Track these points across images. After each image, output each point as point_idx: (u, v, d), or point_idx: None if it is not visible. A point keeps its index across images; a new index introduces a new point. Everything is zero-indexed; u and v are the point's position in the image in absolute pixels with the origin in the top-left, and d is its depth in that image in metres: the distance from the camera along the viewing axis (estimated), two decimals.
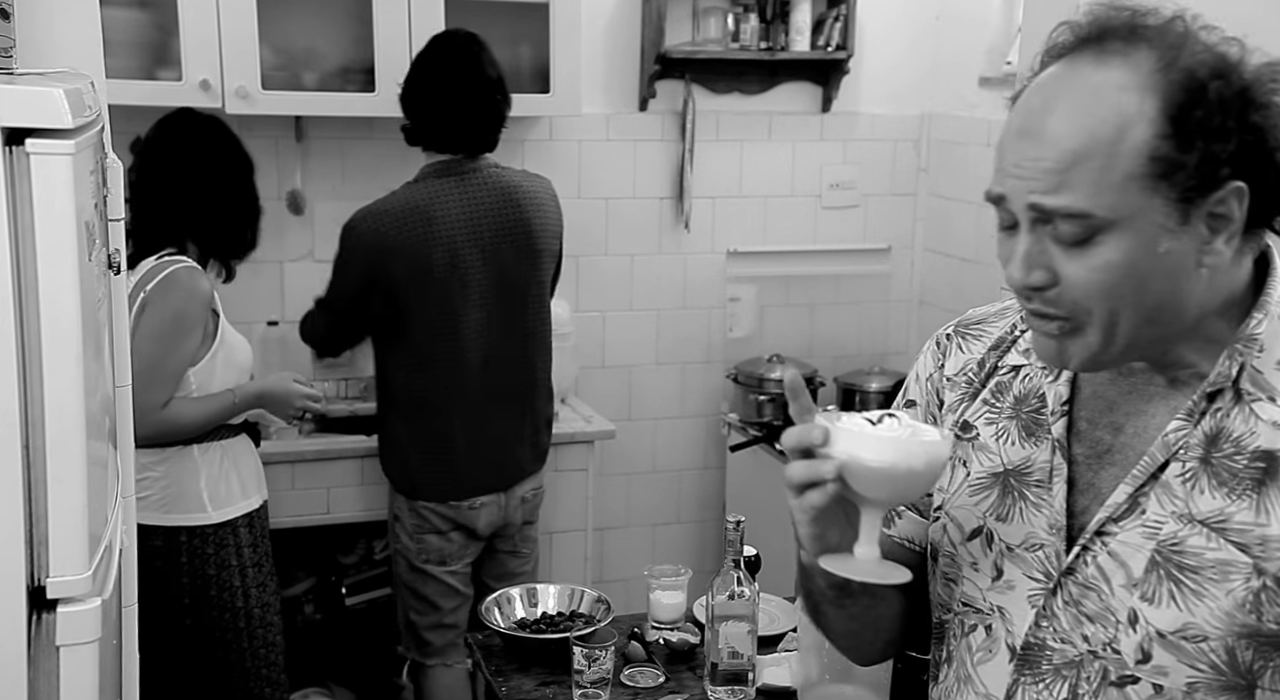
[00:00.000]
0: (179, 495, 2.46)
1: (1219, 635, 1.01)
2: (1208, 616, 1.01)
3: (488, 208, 2.81)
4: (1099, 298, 1.00)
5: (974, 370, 1.23)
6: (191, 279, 2.42)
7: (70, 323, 1.19)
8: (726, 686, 1.91)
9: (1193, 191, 0.97)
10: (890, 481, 1.02)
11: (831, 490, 1.03)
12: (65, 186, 1.17)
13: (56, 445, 1.20)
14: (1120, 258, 0.98)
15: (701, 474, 3.98)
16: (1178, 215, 0.98)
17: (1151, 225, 0.97)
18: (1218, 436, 1.03)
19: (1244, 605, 1.00)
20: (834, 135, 3.94)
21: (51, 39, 1.58)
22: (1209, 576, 1.01)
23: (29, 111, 1.14)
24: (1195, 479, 1.03)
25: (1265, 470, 1.01)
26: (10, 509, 1.18)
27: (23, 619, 1.20)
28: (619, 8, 3.66)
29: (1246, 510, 1.01)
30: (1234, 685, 1.02)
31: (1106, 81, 0.98)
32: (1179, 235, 0.98)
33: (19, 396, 1.16)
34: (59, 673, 1.23)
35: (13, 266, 1.15)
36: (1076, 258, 0.99)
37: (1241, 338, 1.04)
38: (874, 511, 1.05)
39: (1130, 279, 0.99)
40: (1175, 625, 1.02)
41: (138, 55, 3.04)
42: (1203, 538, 1.02)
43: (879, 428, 1.03)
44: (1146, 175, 0.96)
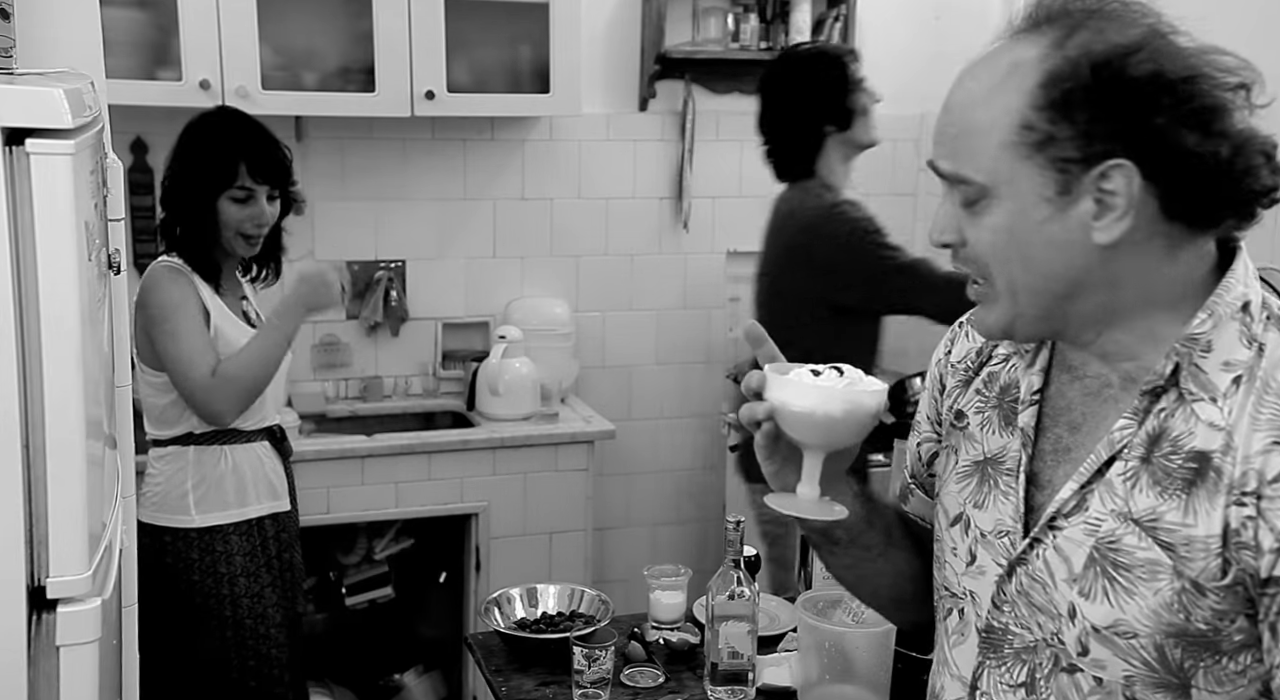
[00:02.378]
0: (166, 495, 2.42)
1: (1148, 633, 1.02)
2: (1137, 614, 1.03)
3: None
4: (992, 260, 1.06)
5: (972, 359, 1.26)
6: (165, 274, 2.38)
7: (70, 323, 1.19)
8: (726, 686, 1.91)
9: (1070, 164, 1.00)
10: (812, 426, 1.11)
11: (766, 429, 1.13)
12: (65, 186, 1.17)
13: (56, 445, 1.20)
14: (1002, 222, 1.04)
15: (701, 474, 3.98)
16: (1055, 186, 1.01)
17: (1029, 193, 1.02)
18: (1160, 436, 1.04)
19: (1171, 605, 1.01)
20: None
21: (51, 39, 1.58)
22: (1139, 575, 1.03)
23: (29, 111, 1.15)
24: (1136, 478, 1.04)
25: (1197, 471, 1.01)
26: (10, 509, 1.18)
27: (23, 619, 1.20)
28: (619, 8, 3.66)
29: (1176, 510, 1.01)
30: (1167, 683, 1.04)
31: (1008, 57, 1.03)
32: (1060, 207, 1.02)
33: (19, 396, 1.16)
34: (59, 673, 1.23)
35: (13, 266, 1.15)
36: (972, 220, 1.06)
37: (1182, 337, 1.04)
38: (812, 454, 1.14)
39: (1014, 244, 1.04)
40: (1108, 621, 1.04)
41: (138, 55, 3.04)
42: (1135, 537, 1.03)
43: (816, 379, 1.12)
44: (1019, 144, 1.01)
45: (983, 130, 1.03)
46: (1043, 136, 1.00)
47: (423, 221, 3.64)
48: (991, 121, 1.02)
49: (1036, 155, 1.01)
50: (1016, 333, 1.11)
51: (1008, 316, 1.08)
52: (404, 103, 3.21)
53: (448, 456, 3.28)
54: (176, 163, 2.43)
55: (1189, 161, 0.98)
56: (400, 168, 3.58)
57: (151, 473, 2.44)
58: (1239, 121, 1.00)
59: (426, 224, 3.63)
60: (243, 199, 2.40)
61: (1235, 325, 1.04)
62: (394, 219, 3.58)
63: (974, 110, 1.04)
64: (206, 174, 2.39)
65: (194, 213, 2.40)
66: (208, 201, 2.39)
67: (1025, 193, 1.02)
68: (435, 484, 3.27)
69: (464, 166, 3.63)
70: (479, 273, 3.71)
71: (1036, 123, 1.00)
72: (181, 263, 2.40)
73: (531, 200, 3.69)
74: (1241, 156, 1.00)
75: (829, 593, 1.86)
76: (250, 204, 2.41)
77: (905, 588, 1.32)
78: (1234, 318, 1.04)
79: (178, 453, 2.42)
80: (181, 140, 2.45)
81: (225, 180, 2.39)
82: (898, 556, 1.30)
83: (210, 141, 2.42)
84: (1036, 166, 1.01)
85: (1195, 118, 0.98)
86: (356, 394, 3.57)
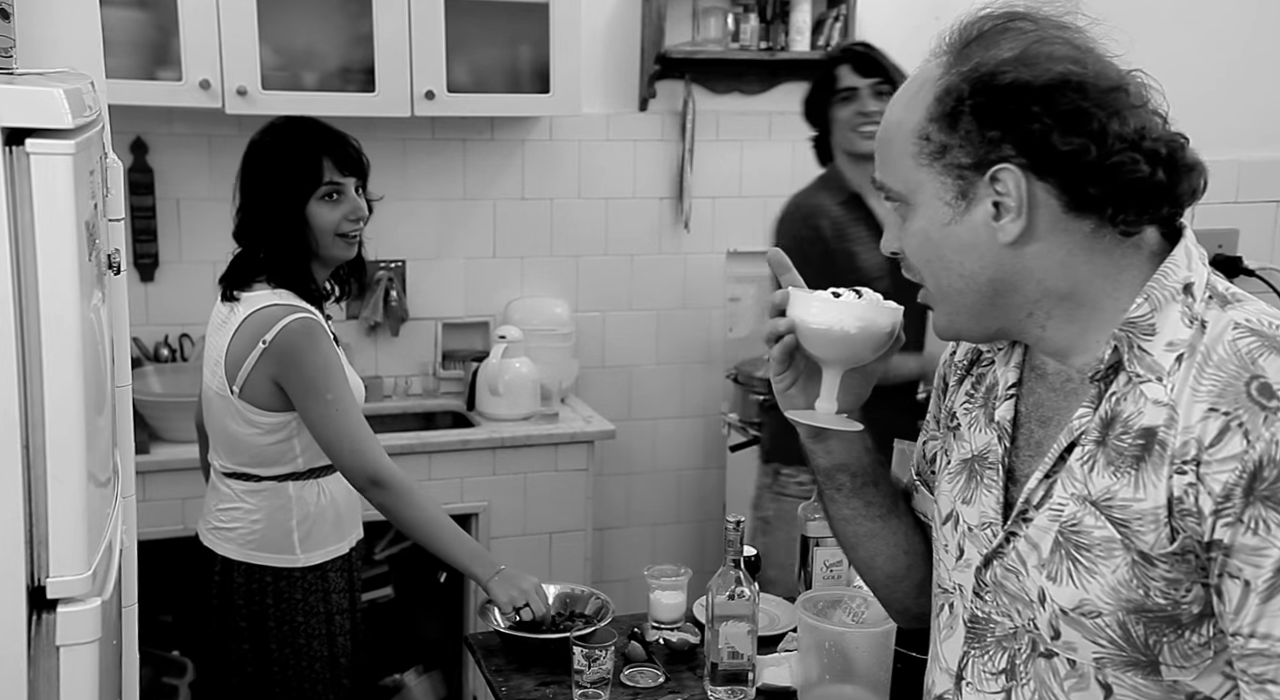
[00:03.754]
0: (266, 533, 2.28)
1: (1110, 611, 1.06)
2: (1099, 593, 1.06)
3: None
4: (920, 264, 1.15)
5: (968, 359, 1.30)
6: (308, 327, 2.19)
7: (70, 323, 1.19)
8: (726, 686, 1.91)
9: (965, 170, 1.08)
10: (829, 341, 1.20)
11: (787, 342, 1.23)
12: (65, 186, 1.17)
13: (56, 445, 1.20)
14: (919, 227, 1.13)
15: (701, 474, 3.98)
16: (954, 190, 1.09)
17: (935, 200, 1.11)
18: (1114, 419, 1.08)
19: (1130, 582, 1.04)
20: None
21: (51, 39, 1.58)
22: (1098, 554, 1.06)
23: (29, 111, 1.14)
24: (1092, 461, 1.08)
25: (1144, 446, 1.04)
26: (10, 509, 1.18)
27: (23, 619, 1.20)
28: (619, 8, 3.66)
29: (1128, 487, 1.05)
30: (1136, 661, 1.07)
31: (920, 77, 1.13)
32: (961, 210, 1.10)
33: (19, 396, 1.16)
34: (59, 673, 1.23)
35: (13, 266, 1.15)
36: (903, 228, 1.15)
37: (1121, 322, 1.08)
38: (831, 370, 1.23)
39: (930, 247, 1.13)
40: (1073, 602, 1.08)
41: (138, 55, 3.04)
42: (1093, 517, 1.07)
43: (836, 299, 1.21)
44: (920, 154, 1.10)
45: (897, 143, 1.12)
46: (938, 146, 1.09)
47: (423, 221, 3.64)
48: (902, 135, 1.12)
49: (935, 163, 1.10)
50: (962, 332, 1.19)
51: (946, 317, 1.17)
52: (404, 103, 3.21)
53: (448, 456, 3.28)
54: (252, 183, 2.27)
55: (1065, 160, 1.05)
56: (400, 168, 3.58)
57: (245, 509, 2.28)
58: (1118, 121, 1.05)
59: (426, 224, 3.63)
60: (333, 197, 2.25)
61: (1177, 306, 1.07)
62: (394, 219, 3.58)
63: (892, 126, 1.14)
64: (291, 180, 2.23)
65: (287, 227, 2.23)
66: (297, 209, 2.23)
67: (931, 199, 1.11)
68: (435, 484, 3.27)
69: (464, 166, 3.64)
70: (479, 273, 3.71)
71: (933, 134, 1.09)
72: (306, 306, 2.22)
73: (531, 200, 3.69)
74: (1115, 155, 1.05)
75: (829, 593, 1.86)
76: (342, 201, 2.26)
77: (901, 562, 1.35)
78: (1175, 300, 1.08)
79: (276, 490, 2.28)
80: (250, 159, 2.28)
81: (312, 181, 2.23)
82: (899, 526, 1.35)
83: (284, 148, 2.26)
84: (936, 174, 1.10)
85: (1064, 121, 1.05)
86: None
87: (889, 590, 1.40)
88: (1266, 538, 0.96)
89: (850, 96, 2.76)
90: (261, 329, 2.18)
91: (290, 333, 2.18)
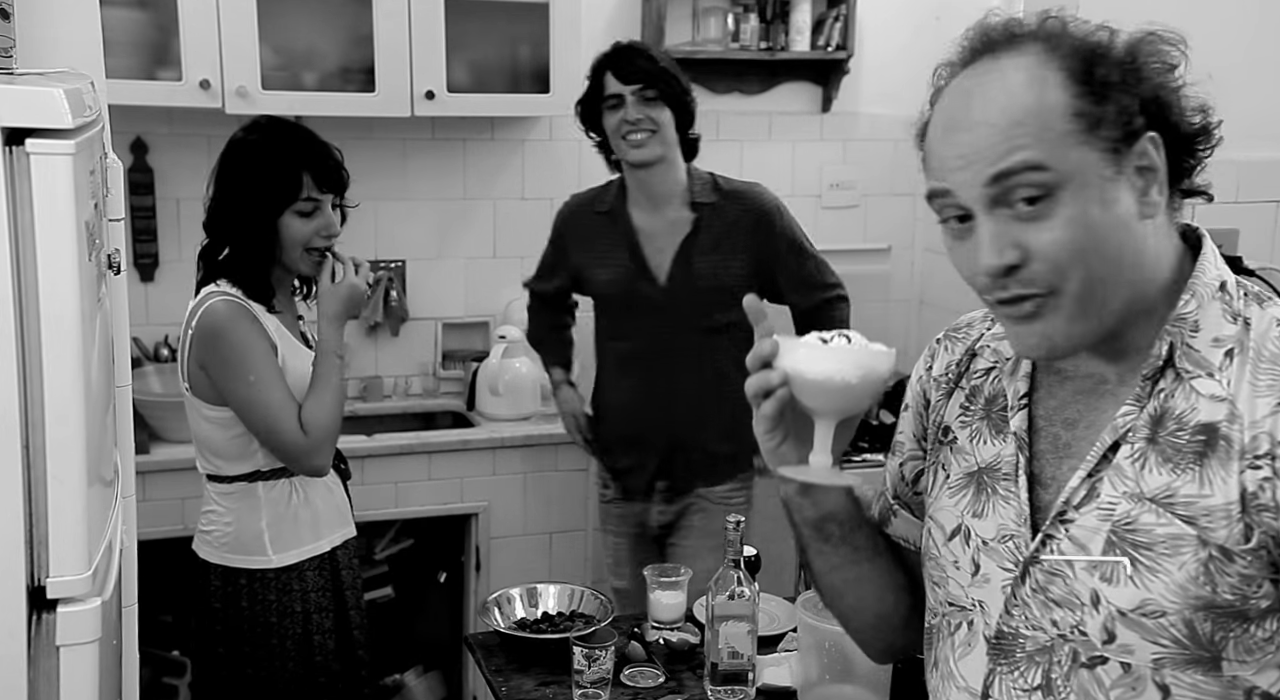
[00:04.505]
0: (238, 536, 2.27)
1: (1176, 609, 1.03)
2: (1163, 591, 1.04)
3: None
4: (1069, 260, 1.04)
5: (952, 371, 1.28)
6: (230, 312, 2.19)
7: (70, 323, 1.19)
8: (726, 686, 1.91)
9: (1118, 142, 1.04)
10: (829, 391, 1.12)
11: (781, 395, 1.14)
12: (65, 186, 1.17)
13: (56, 445, 1.20)
14: (1078, 213, 1.03)
15: None
16: (1112, 166, 1.04)
17: (1096, 177, 1.03)
18: (1163, 416, 1.07)
19: (1197, 578, 1.03)
20: (834, 135, 3.94)
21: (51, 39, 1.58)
22: (1161, 552, 1.04)
23: (29, 111, 1.15)
24: (1143, 458, 1.07)
25: (1206, 442, 1.04)
26: (10, 509, 1.18)
27: (23, 619, 1.20)
28: (619, 8, 3.66)
29: (1191, 483, 1.04)
30: (1198, 658, 1.05)
31: (1008, 66, 1.06)
32: (1118, 185, 1.04)
33: (19, 396, 1.16)
34: (59, 673, 1.23)
35: (13, 266, 1.15)
36: (1039, 225, 1.04)
37: (1172, 318, 1.08)
38: (824, 422, 1.14)
39: (1091, 235, 1.03)
40: (1134, 602, 1.05)
41: (138, 55, 3.04)
42: (1153, 515, 1.05)
43: (826, 345, 1.13)
44: (1076, 131, 1.03)
45: (1038, 122, 1.03)
46: (1093, 119, 1.03)
47: (423, 221, 3.64)
48: (1041, 113, 1.03)
49: (1092, 138, 1.03)
50: (1081, 341, 1.08)
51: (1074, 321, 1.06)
52: (404, 103, 3.21)
53: (447, 456, 3.28)
54: (228, 182, 2.25)
55: (1179, 128, 1.06)
56: (400, 168, 3.58)
57: (218, 511, 2.28)
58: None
59: (426, 224, 3.63)
60: (309, 212, 2.24)
61: (1217, 304, 1.08)
62: (394, 219, 3.58)
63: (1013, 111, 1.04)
64: (268, 189, 2.21)
65: (254, 233, 2.22)
66: (270, 219, 2.22)
67: (1093, 178, 1.03)
68: (435, 484, 3.27)
69: (464, 166, 3.63)
70: (479, 273, 3.71)
71: (1084, 107, 1.03)
72: (239, 293, 2.22)
73: (531, 200, 3.69)
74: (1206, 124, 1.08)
75: None
76: (317, 216, 2.25)
77: (889, 600, 1.31)
78: (1215, 297, 1.09)
79: (246, 490, 2.27)
80: (230, 157, 2.27)
81: (290, 194, 2.22)
82: (884, 564, 1.31)
83: (267, 155, 2.24)
84: (1095, 150, 1.03)
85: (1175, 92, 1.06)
86: (356, 394, 3.56)
87: (875, 631, 1.36)
88: None
89: (617, 104, 2.63)
90: (192, 318, 2.21)
91: (209, 314, 2.19)
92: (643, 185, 2.72)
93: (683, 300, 2.69)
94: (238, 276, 2.24)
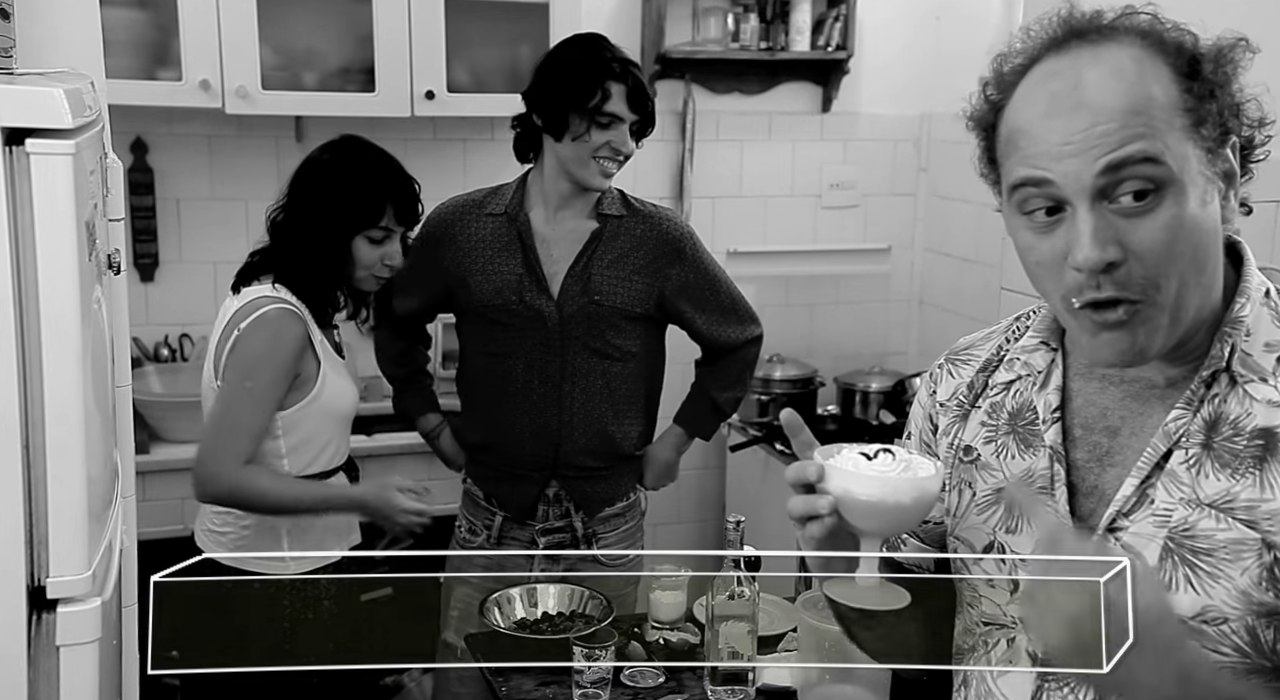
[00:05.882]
0: (256, 540, 2.26)
1: (1238, 615, 1.01)
2: (1225, 597, 1.02)
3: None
4: (1167, 261, 1.00)
5: (964, 393, 1.25)
6: (281, 321, 2.19)
7: (70, 323, 1.19)
8: (726, 686, 1.91)
9: (1215, 143, 1.02)
10: (880, 515, 1.07)
11: (829, 524, 1.07)
12: (65, 186, 1.17)
13: (56, 445, 1.20)
14: (1181, 211, 0.99)
15: (701, 474, 3.97)
16: (1210, 167, 1.02)
17: (1199, 176, 1.01)
18: (1217, 421, 1.05)
19: (1260, 583, 1.01)
20: (834, 135, 3.94)
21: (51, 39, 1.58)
22: (1222, 557, 1.02)
23: (29, 111, 1.15)
24: (1199, 464, 1.05)
25: (1265, 446, 1.02)
26: (10, 509, 1.18)
27: (23, 619, 1.20)
28: (619, 8, 3.66)
29: (1251, 488, 1.02)
30: (1260, 668, 1.02)
31: (1115, 54, 1.01)
32: (1213, 189, 1.02)
33: (19, 396, 1.16)
34: (59, 673, 1.23)
35: (13, 266, 1.15)
36: (1142, 222, 0.99)
37: (1228, 321, 1.06)
38: (871, 541, 1.09)
39: (1189, 236, 1.00)
40: (1194, 609, 1.02)
41: (138, 55, 3.04)
42: (1212, 520, 1.03)
43: (872, 464, 1.08)
44: (1186, 126, 1.00)
45: (1152, 115, 0.99)
46: (1199, 116, 1.01)
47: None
48: (1155, 107, 0.99)
49: (1197, 135, 1.01)
50: (1162, 349, 1.04)
51: (1165, 328, 1.03)
52: (404, 103, 3.21)
53: None
54: (313, 195, 2.26)
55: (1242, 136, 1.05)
56: None
57: (235, 513, 2.27)
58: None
59: None
60: (379, 239, 2.27)
61: (1265, 310, 1.07)
62: None
63: (1130, 100, 0.99)
64: (350, 211, 2.24)
65: (326, 250, 2.24)
66: (344, 240, 2.24)
67: (1196, 176, 1.00)
68: (435, 484, 3.26)
69: (464, 166, 3.63)
70: None
71: (1192, 104, 1.00)
72: (297, 302, 2.22)
73: None
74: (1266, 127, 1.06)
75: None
76: (386, 244, 2.28)
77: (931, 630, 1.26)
78: (1262, 303, 1.08)
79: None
80: (315, 173, 2.28)
81: (370, 220, 2.25)
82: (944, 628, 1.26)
83: (356, 177, 2.26)
84: (1200, 148, 1.01)
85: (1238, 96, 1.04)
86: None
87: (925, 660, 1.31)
88: None
89: (610, 124, 2.38)
90: (244, 318, 2.20)
91: (263, 318, 2.19)
92: (559, 196, 2.46)
93: (575, 316, 2.44)
94: (305, 288, 2.25)
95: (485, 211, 2.51)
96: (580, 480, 2.53)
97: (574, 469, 2.52)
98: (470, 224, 2.51)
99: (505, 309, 2.46)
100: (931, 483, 1.08)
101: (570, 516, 2.55)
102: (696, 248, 2.54)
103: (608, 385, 2.50)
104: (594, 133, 2.37)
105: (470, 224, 2.51)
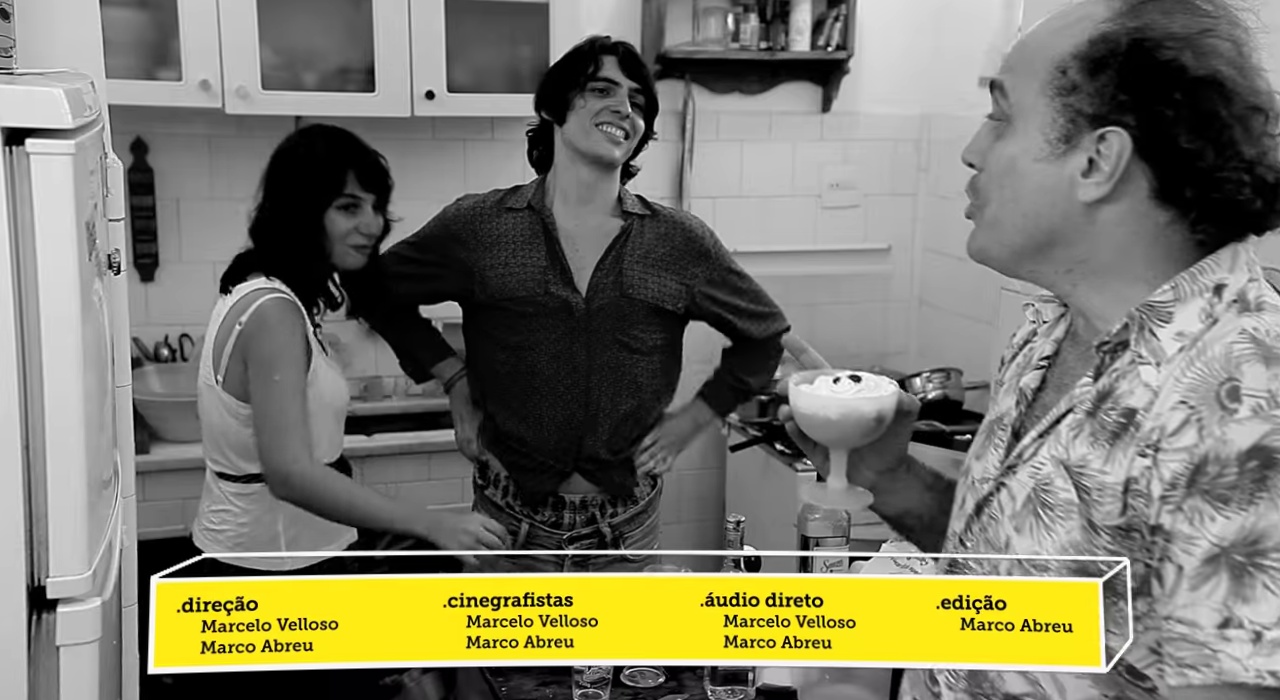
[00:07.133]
0: (254, 537, 2.28)
1: (1056, 568, 1.09)
2: (1051, 548, 1.11)
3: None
4: (992, 188, 1.15)
5: (1024, 337, 1.34)
6: (281, 311, 2.22)
7: (70, 323, 1.20)
8: (726, 686, 1.91)
9: (1082, 117, 1.08)
10: (816, 426, 1.26)
11: (791, 428, 1.31)
12: (65, 186, 1.17)
13: (56, 445, 1.20)
14: (1010, 153, 1.12)
15: (701, 474, 3.97)
16: (1060, 132, 1.09)
17: (1037, 131, 1.10)
18: (1108, 394, 1.10)
19: (1077, 544, 1.08)
20: (834, 135, 3.94)
21: (51, 39, 1.58)
22: (1057, 515, 1.11)
23: (29, 111, 1.15)
24: (1079, 429, 1.11)
25: (1124, 425, 1.07)
26: (10, 509, 1.18)
27: (23, 619, 1.20)
28: (619, 8, 3.66)
29: (1100, 459, 1.08)
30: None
31: (1085, 9, 1.10)
32: (1058, 153, 1.10)
33: (19, 396, 1.16)
34: (59, 673, 1.23)
35: (13, 266, 1.15)
36: (993, 146, 1.14)
37: (1141, 303, 1.10)
38: (834, 451, 1.29)
39: (1011, 177, 1.13)
40: (1027, 553, 1.13)
41: (138, 55, 3.04)
42: (1062, 480, 1.11)
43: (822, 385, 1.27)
44: (1049, 83, 1.09)
45: (1035, 63, 1.11)
46: (1069, 84, 1.08)
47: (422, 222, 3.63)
48: (1042, 58, 1.10)
49: (1057, 99, 1.09)
50: (991, 259, 1.19)
51: (984, 241, 1.18)
52: (404, 103, 3.21)
53: (448, 457, 3.27)
54: (277, 183, 2.31)
55: (1178, 155, 1.06)
56: (400, 168, 3.54)
57: (232, 511, 2.28)
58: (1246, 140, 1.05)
59: None
60: (349, 207, 2.30)
61: (1200, 302, 1.09)
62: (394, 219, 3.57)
63: (1033, 46, 1.12)
64: (313, 186, 2.28)
65: (302, 229, 2.27)
66: (316, 215, 2.28)
67: (1034, 130, 1.11)
68: (435, 484, 3.27)
69: (464, 166, 3.63)
70: None
71: (1071, 71, 1.08)
72: (290, 292, 2.25)
73: None
74: (1227, 169, 1.05)
75: None
76: (357, 214, 2.32)
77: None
78: (1201, 295, 1.09)
79: (264, 492, 2.27)
80: (280, 161, 2.33)
81: (333, 190, 2.28)
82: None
83: (312, 154, 2.31)
84: (1054, 109, 1.09)
85: (1197, 119, 1.04)
86: (356, 394, 3.55)
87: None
88: (1199, 528, 0.99)
89: (608, 90, 2.40)
90: (241, 311, 2.22)
91: (263, 309, 2.21)
92: (578, 184, 2.47)
93: (605, 309, 2.46)
94: (291, 273, 2.27)
95: (506, 207, 2.54)
96: (600, 471, 2.56)
97: (596, 462, 2.54)
98: (491, 219, 2.54)
99: (530, 300, 2.46)
100: (863, 404, 1.24)
101: (597, 522, 2.57)
102: (719, 247, 2.59)
103: (635, 379, 2.53)
104: (590, 98, 2.40)
105: (491, 219, 2.54)
